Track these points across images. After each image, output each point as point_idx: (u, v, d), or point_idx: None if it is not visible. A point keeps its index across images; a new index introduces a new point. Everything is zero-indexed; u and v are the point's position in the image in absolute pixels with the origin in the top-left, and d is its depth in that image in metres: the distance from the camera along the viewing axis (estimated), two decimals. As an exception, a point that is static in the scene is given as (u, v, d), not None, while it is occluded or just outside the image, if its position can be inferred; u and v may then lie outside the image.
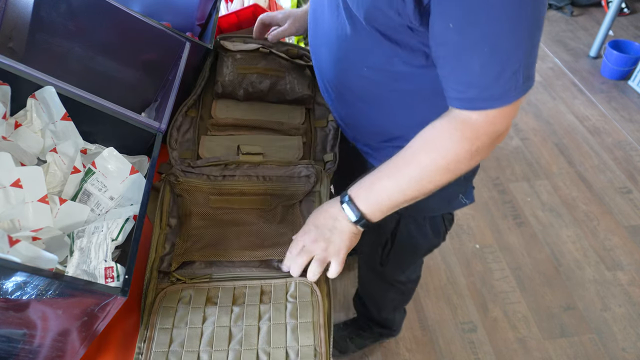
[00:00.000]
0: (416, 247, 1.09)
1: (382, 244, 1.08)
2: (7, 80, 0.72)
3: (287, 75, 1.06)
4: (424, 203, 0.94)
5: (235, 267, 0.76)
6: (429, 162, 0.68)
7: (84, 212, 0.73)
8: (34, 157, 0.77)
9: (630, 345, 1.63)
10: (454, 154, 0.66)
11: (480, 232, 1.99)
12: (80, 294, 0.54)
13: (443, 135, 0.67)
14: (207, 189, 0.86)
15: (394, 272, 1.19)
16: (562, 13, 3.47)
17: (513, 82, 0.61)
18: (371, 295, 1.38)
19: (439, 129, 0.68)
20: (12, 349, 0.59)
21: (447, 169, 0.68)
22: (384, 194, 0.71)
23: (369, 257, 1.19)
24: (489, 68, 0.60)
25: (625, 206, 2.10)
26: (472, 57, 0.60)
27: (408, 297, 1.38)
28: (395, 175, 0.70)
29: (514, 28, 0.57)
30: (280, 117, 1.02)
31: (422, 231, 1.03)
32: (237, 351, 0.67)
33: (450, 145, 0.66)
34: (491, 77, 0.60)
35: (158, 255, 0.77)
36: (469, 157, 0.67)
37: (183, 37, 0.93)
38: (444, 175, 0.69)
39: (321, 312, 0.70)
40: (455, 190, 0.94)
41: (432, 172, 0.69)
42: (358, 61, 0.76)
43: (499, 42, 0.58)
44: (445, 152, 0.67)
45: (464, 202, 0.98)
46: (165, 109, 0.81)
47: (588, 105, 2.65)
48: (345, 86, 0.83)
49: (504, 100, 0.62)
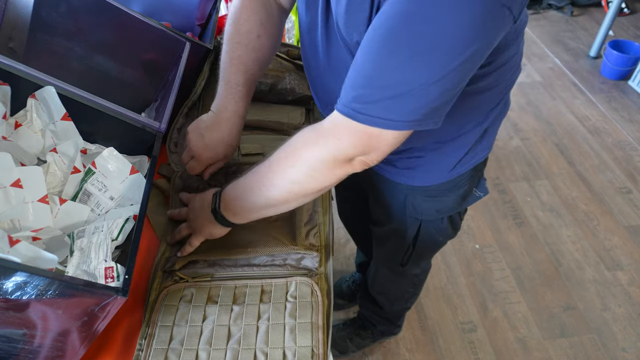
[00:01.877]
0: (436, 244, 1.11)
1: (404, 250, 1.09)
2: (7, 80, 0.72)
3: (288, 76, 1.06)
4: (442, 205, 0.96)
5: (237, 267, 0.77)
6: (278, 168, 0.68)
7: (84, 212, 0.73)
8: (34, 157, 0.77)
9: (630, 345, 1.63)
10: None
11: (480, 232, 1.99)
12: (80, 294, 0.54)
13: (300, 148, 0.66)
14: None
15: (412, 269, 1.21)
16: (562, 13, 3.46)
17: (382, 105, 0.56)
18: (384, 292, 1.38)
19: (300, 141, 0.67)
20: (12, 349, 0.59)
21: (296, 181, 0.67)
22: (246, 199, 0.72)
23: (388, 261, 1.21)
24: (372, 75, 0.56)
25: (625, 206, 2.10)
26: (368, 59, 0.56)
27: (419, 289, 1.39)
28: (262, 197, 0.70)
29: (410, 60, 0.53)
30: (280, 117, 1.02)
31: (442, 230, 1.04)
32: (235, 350, 0.67)
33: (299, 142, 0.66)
34: (369, 85, 0.56)
35: (164, 256, 0.78)
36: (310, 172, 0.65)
37: (183, 37, 0.94)
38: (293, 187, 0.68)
39: (320, 312, 0.70)
40: (469, 187, 0.95)
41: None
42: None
43: (390, 62, 0.54)
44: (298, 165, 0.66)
45: (478, 195, 0.99)
46: (165, 109, 0.81)
47: (588, 105, 2.65)
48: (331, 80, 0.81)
49: (361, 117, 0.57)
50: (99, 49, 0.93)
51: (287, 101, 1.05)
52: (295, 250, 0.78)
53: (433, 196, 0.94)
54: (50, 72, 0.74)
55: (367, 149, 0.61)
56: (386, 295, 1.39)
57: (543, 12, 3.50)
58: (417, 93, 0.55)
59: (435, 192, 0.93)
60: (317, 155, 0.64)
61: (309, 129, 0.66)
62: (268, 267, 0.77)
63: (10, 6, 0.81)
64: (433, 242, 1.08)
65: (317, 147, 0.64)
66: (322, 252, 0.79)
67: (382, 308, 1.43)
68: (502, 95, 0.83)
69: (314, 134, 0.65)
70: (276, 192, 0.68)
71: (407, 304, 1.45)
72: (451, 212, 1.00)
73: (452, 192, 0.93)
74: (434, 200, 0.95)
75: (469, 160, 0.88)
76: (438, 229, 1.03)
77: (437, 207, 0.97)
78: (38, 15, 0.84)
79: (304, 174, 0.65)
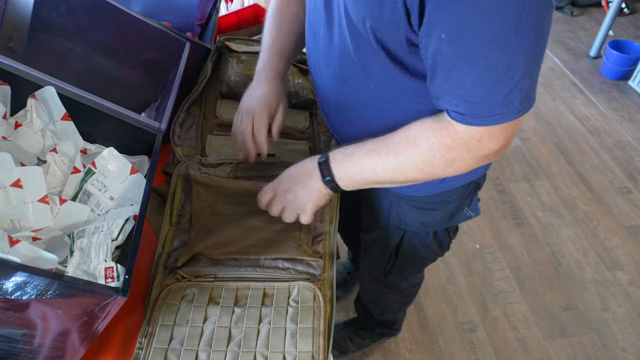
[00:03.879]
0: (420, 260, 1.09)
1: (387, 259, 1.08)
2: (7, 80, 0.72)
3: (292, 79, 1.06)
4: (428, 218, 0.95)
5: (240, 267, 0.77)
6: (405, 156, 0.68)
7: (84, 212, 0.73)
8: (34, 157, 0.77)
9: (630, 345, 1.63)
10: (428, 155, 0.66)
11: (480, 232, 1.99)
12: (81, 294, 0.54)
13: (423, 134, 0.67)
14: (220, 186, 0.86)
15: (397, 281, 1.20)
16: (562, 13, 3.47)
17: (506, 102, 0.58)
18: (374, 301, 1.38)
19: (423, 128, 0.67)
20: (12, 349, 0.59)
21: (419, 168, 0.68)
22: (358, 168, 0.72)
23: (372, 269, 1.20)
24: (480, 84, 0.57)
25: (625, 206, 2.10)
26: (463, 71, 0.57)
27: (410, 300, 1.38)
28: (373, 157, 0.71)
29: (510, 46, 0.54)
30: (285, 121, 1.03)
31: (426, 245, 1.02)
32: (235, 352, 0.67)
33: (427, 146, 0.66)
34: (482, 94, 0.58)
35: (165, 251, 0.78)
36: (443, 164, 0.67)
37: (183, 37, 0.94)
38: (417, 173, 0.69)
39: (322, 318, 0.70)
40: (459, 204, 0.94)
41: (405, 167, 0.69)
42: (362, 79, 0.73)
43: (493, 58, 0.55)
44: (421, 151, 0.67)
45: (468, 214, 0.97)
46: (165, 109, 0.81)
47: (588, 105, 2.65)
48: (347, 104, 0.81)
49: (494, 120, 0.60)
50: (99, 49, 0.93)
51: (291, 104, 1.05)
52: (299, 256, 0.77)
53: (419, 208, 0.93)
54: (50, 72, 0.74)
55: (508, 141, 0.65)
56: (376, 304, 1.39)
57: (543, 12, 3.50)
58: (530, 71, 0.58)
59: (422, 204, 0.92)
60: (457, 156, 0.66)
61: (435, 131, 0.66)
62: (272, 269, 0.77)
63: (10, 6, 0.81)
64: (416, 255, 1.05)
65: (458, 151, 0.65)
66: (327, 259, 0.79)
67: (374, 316, 1.44)
68: None
69: (448, 137, 0.65)
70: (400, 177, 0.70)
71: (399, 314, 1.45)
72: (437, 227, 0.99)
73: (441, 206, 0.92)
74: (420, 212, 0.94)
75: (460, 176, 0.85)
76: (422, 242, 1.01)
77: (423, 219, 0.96)
78: (38, 15, 0.84)
79: (439, 168, 0.68)
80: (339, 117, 0.86)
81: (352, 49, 0.70)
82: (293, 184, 0.77)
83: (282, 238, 0.80)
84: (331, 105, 0.86)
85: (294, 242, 0.79)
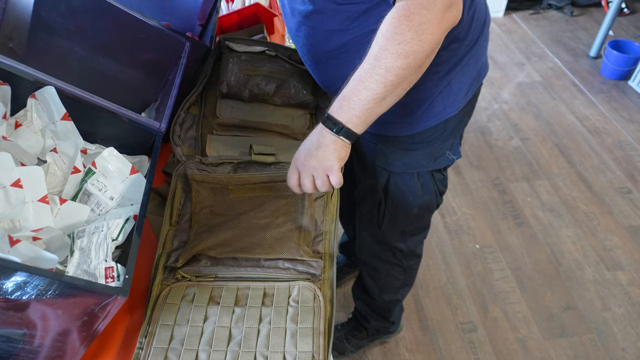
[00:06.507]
0: (409, 205, 1.12)
1: (377, 204, 1.13)
2: (7, 80, 0.72)
3: (292, 79, 1.06)
4: (411, 160, 1.02)
5: (240, 267, 0.77)
6: (384, 55, 0.70)
7: (84, 212, 0.73)
8: (34, 157, 0.77)
9: (630, 345, 1.63)
10: (397, 34, 0.68)
11: (480, 232, 1.99)
12: (81, 294, 0.54)
13: (383, 27, 0.70)
14: (221, 186, 0.86)
15: (392, 236, 1.22)
16: (562, 13, 3.47)
17: None
18: (373, 271, 1.36)
19: (384, 24, 0.71)
20: (12, 349, 0.59)
21: (399, 52, 0.70)
22: (357, 100, 0.75)
23: (367, 224, 1.23)
24: None
25: (625, 206, 2.10)
26: None
27: (410, 278, 1.37)
28: (363, 82, 0.73)
29: None
30: (285, 121, 1.03)
31: (411, 188, 1.07)
32: (235, 352, 0.67)
33: (392, 28, 0.69)
34: None
35: (165, 251, 0.78)
36: (415, 34, 0.68)
37: (183, 37, 0.94)
38: (402, 60, 0.70)
39: (322, 318, 0.70)
40: (441, 146, 1.00)
41: (390, 63, 0.70)
42: (322, 25, 0.83)
43: None
44: (390, 37, 0.69)
45: (450, 158, 1.03)
46: (165, 109, 0.81)
47: (588, 105, 2.65)
48: (317, 50, 0.89)
49: None
50: (99, 48, 0.93)
51: (291, 104, 1.05)
52: (300, 256, 0.78)
53: (402, 149, 1.00)
54: (50, 72, 0.74)
55: None
56: (375, 278, 1.37)
57: (543, 12, 3.50)
58: None
59: (404, 145, 0.99)
60: (421, 19, 0.68)
61: (393, 15, 0.69)
62: (272, 269, 0.77)
63: (10, 6, 0.81)
64: (404, 200, 1.10)
65: (418, 13, 0.67)
66: (327, 259, 0.79)
67: (373, 298, 1.42)
68: (467, 49, 0.89)
69: (404, 9, 0.68)
70: (390, 77, 0.71)
71: (398, 295, 1.43)
72: (420, 169, 1.04)
73: (420, 147, 0.99)
74: (403, 152, 1.01)
75: (435, 114, 0.93)
76: (407, 185, 1.06)
77: (406, 160, 1.02)
78: (38, 15, 0.84)
79: (414, 40, 0.69)
80: (318, 65, 0.94)
81: (310, 7, 0.80)
82: (310, 151, 0.80)
83: (282, 238, 0.80)
84: (310, 58, 0.94)
85: (294, 242, 0.79)
